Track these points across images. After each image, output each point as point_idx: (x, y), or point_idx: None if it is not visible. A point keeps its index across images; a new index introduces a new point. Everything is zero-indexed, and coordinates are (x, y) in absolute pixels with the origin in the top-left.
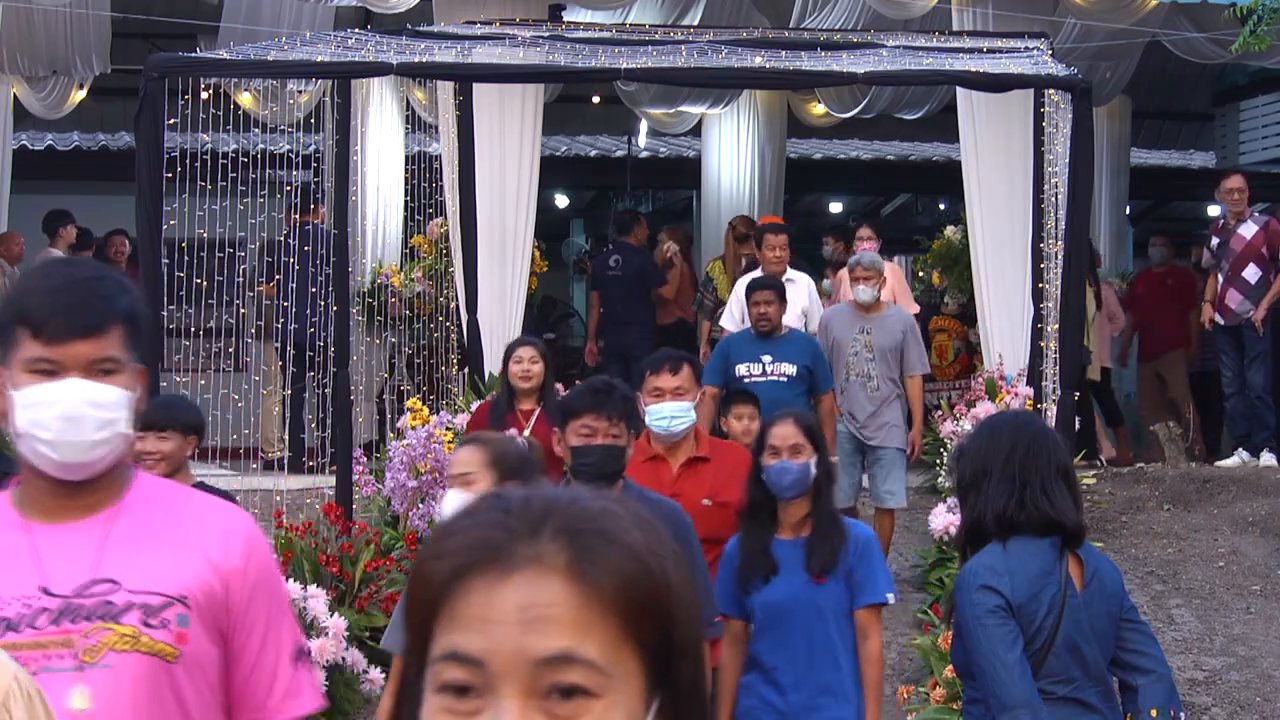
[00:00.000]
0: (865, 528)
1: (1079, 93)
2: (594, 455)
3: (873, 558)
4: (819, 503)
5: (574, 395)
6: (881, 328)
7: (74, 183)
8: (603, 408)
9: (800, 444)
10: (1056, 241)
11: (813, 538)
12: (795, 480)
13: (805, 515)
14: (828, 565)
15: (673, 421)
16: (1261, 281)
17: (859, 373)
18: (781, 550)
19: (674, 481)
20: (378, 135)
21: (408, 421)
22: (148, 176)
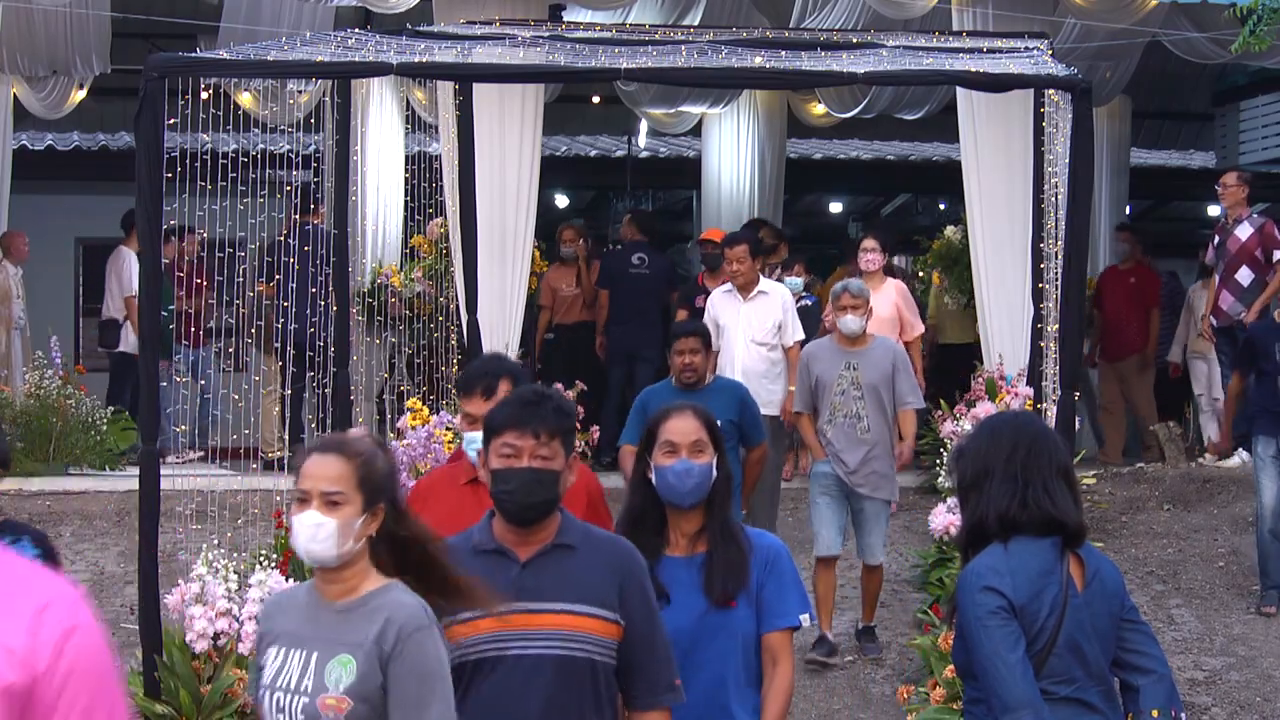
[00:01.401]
0: (771, 537)
1: (1079, 93)
2: (515, 481)
3: (783, 573)
4: (715, 512)
5: (496, 408)
6: (868, 362)
7: (74, 183)
8: (528, 423)
9: (702, 441)
10: (1056, 241)
11: (712, 554)
12: (697, 485)
13: (700, 528)
14: (733, 586)
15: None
16: (1255, 283)
17: (847, 413)
18: (672, 571)
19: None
20: (378, 135)
21: (408, 421)
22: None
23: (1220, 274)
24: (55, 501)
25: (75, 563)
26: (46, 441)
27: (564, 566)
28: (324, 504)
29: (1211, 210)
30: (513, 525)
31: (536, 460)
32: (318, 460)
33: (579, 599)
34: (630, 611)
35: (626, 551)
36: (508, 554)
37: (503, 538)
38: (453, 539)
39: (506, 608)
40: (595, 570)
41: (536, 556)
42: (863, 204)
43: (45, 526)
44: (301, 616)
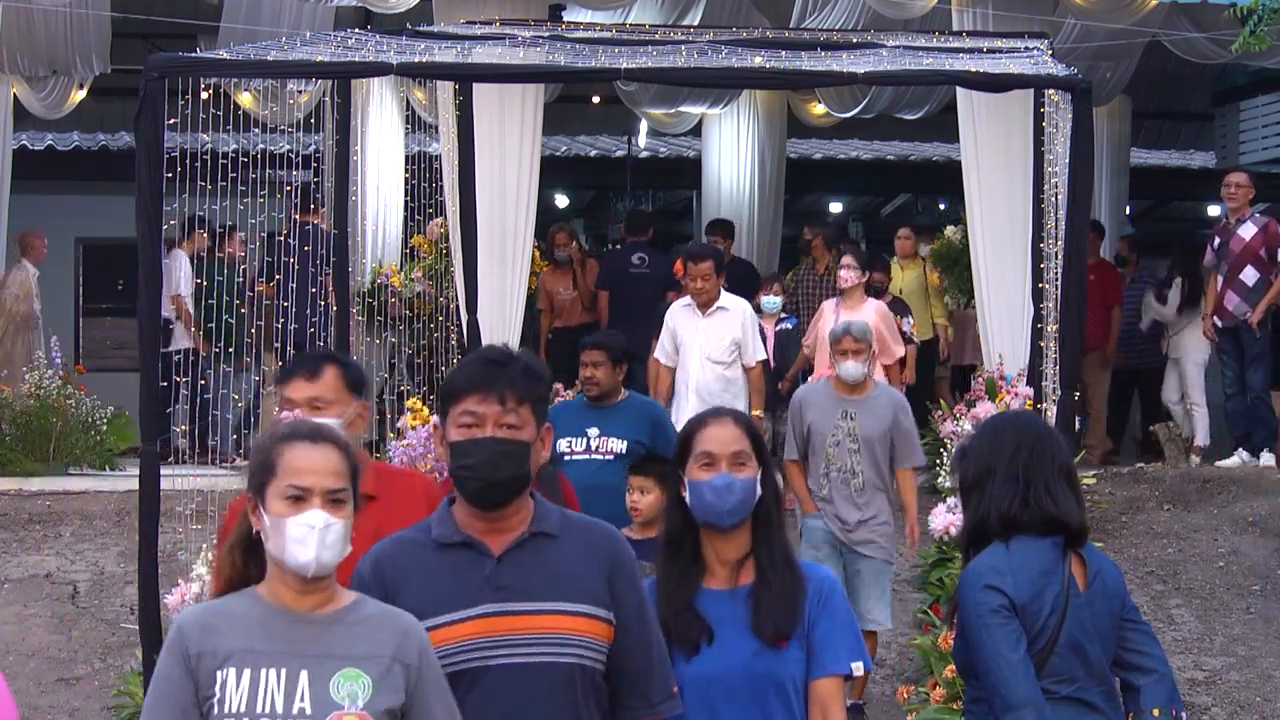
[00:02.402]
0: (823, 569)
1: (1079, 93)
2: (478, 454)
3: (837, 612)
4: (763, 535)
5: (455, 370)
6: (868, 412)
7: (74, 183)
8: (492, 386)
9: (745, 452)
10: (1056, 241)
11: (760, 586)
12: (740, 503)
13: (746, 554)
14: (786, 624)
15: None
16: (1259, 283)
17: (841, 467)
18: (713, 605)
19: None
20: (378, 135)
21: (408, 421)
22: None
23: (1224, 274)
24: (55, 501)
25: (75, 563)
26: (46, 441)
27: (545, 559)
28: (328, 502)
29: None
30: (477, 509)
31: (502, 429)
32: (310, 451)
33: (567, 596)
34: (623, 607)
35: (611, 536)
36: (477, 546)
37: (468, 527)
38: (405, 533)
39: (481, 611)
40: (581, 561)
41: (512, 548)
42: (863, 204)
43: (45, 526)
44: (261, 631)
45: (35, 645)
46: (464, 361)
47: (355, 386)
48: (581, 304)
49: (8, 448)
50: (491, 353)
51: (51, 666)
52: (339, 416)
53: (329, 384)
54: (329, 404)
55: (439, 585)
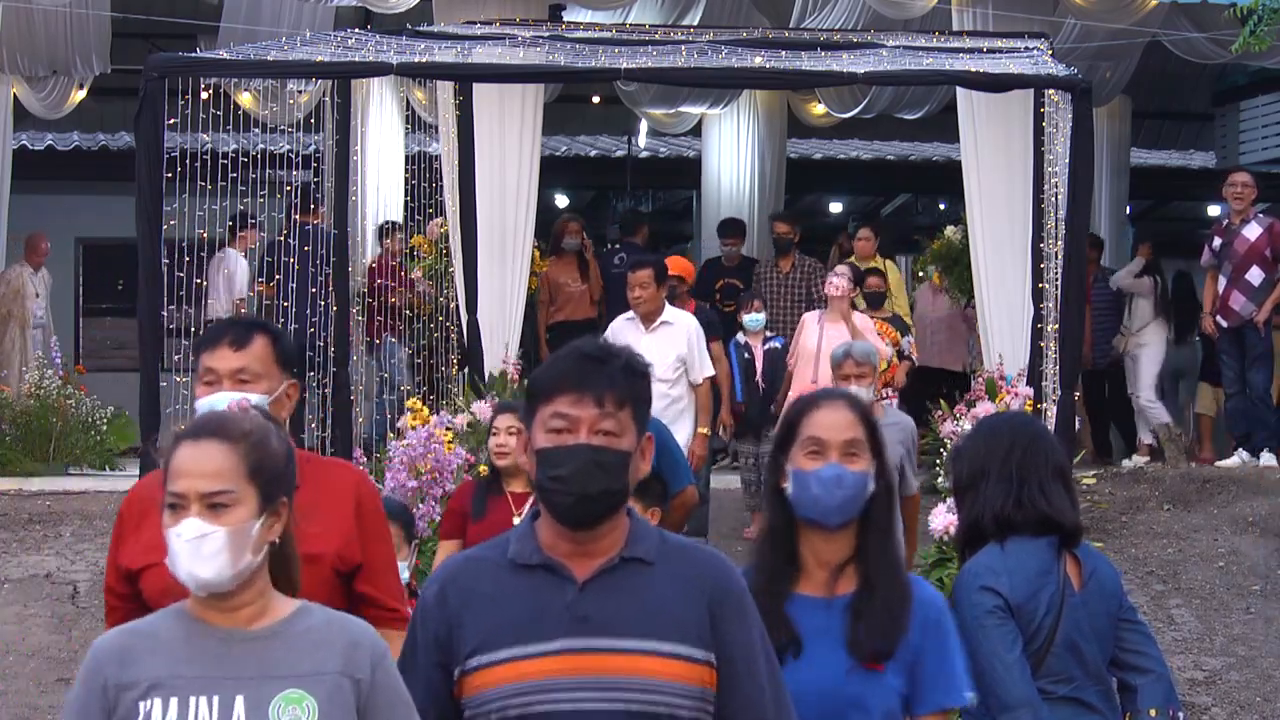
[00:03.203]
0: (930, 588)
1: (1079, 93)
2: (570, 464)
3: (947, 636)
4: (871, 539)
5: (546, 367)
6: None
7: (74, 183)
8: (590, 385)
9: (859, 441)
10: (1056, 241)
11: (862, 597)
12: (848, 499)
13: (848, 559)
14: (886, 645)
15: None
16: (1265, 283)
17: None
18: (805, 614)
19: None
20: (378, 135)
21: (408, 421)
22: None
23: (1228, 275)
24: (55, 501)
25: (75, 563)
26: (46, 441)
27: (637, 589)
28: (206, 508)
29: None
30: (566, 528)
31: (598, 436)
32: (189, 451)
33: (659, 633)
34: (730, 649)
35: (717, 565)
36: (559, 570)
37: (552, 548)
38: (478, 550)
39: (559, 647)
40: (679, 593)
41: (599, 575)
42: (863, 204)
43: (45, 526)
44: (183, 655)
45: (35, 645)
46: (555, 356)
47: (286, 361)
48: (590, 297)
49: (8, 448)
50: (587, 347)
51: (51, 666)
52: (267, 393)
53: (257, 355)
54: (256, 378)
55: (511, 613)
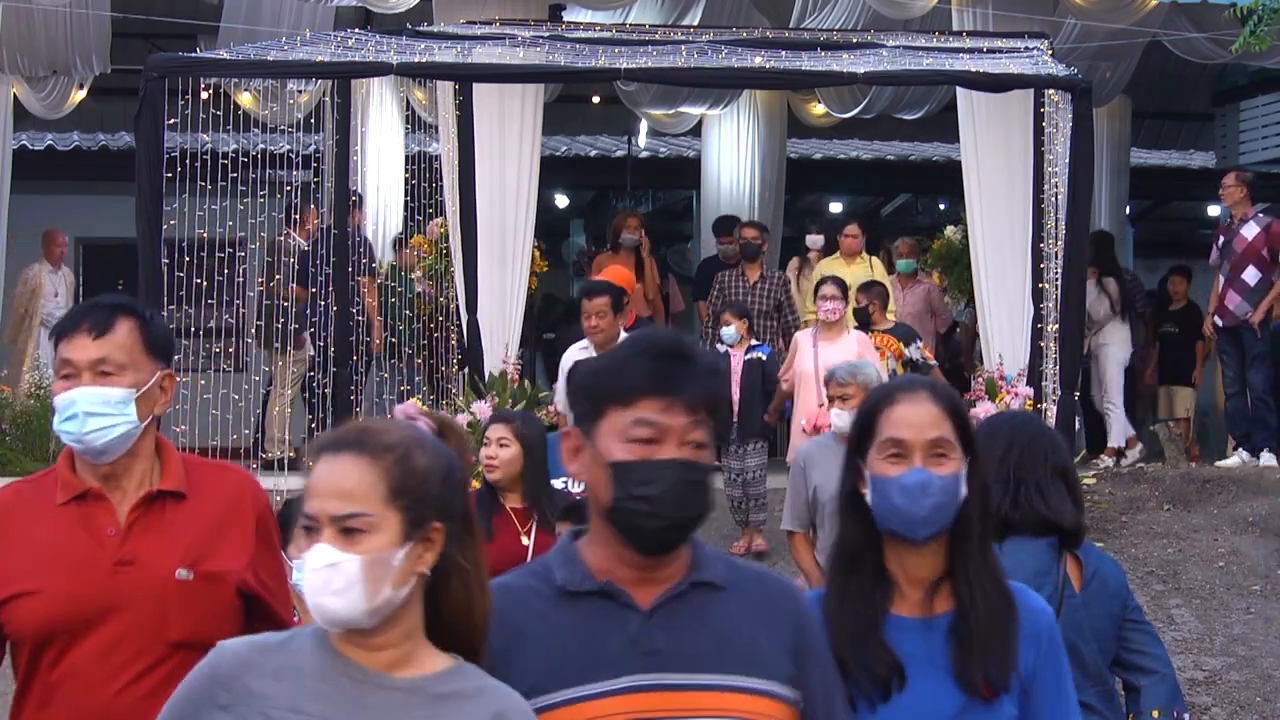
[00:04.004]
0: (1036, 597)
1: (1079, 93)
2: (662, 482)
3: (1059, 652)
4: (967, 551)
5: (618, 364)
6: None
7: (74, 183)
8: (680, 389)
9: (946, 440)
10: (1056, 241)
11: (964, 617)
12: (938, 507)
13: (942, 575)
14: (999, 671)
15: (87, 424)
16: (1261, 283)
17: None
18: (905, 636)
19: (119, 540)
20: (378, 135)
21: None
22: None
23: (1226, 274)
24: None
25: None
26: (46, 441)
27: (709, 617)
28: (339, 533)
29: (1212, 210)
30: (641, 554)
31: (687, 449)
32: (324, 467)
33: (739, 667)
34: (811, 688)
35: (792, 594)
36: (618, 597)
37: (608, 572)
38: (517, 577)
39: (626, 685)
40: (756, 622)
41: (666, 601)
42: (863, 204)
43: None
44: (311, 686)
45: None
46: (624, 353)
47: (157, 348)
48: (645, 296)
49: (8, 448)
50: (665, 342)
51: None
52: (133, 386)
53: (120, 342)
54: (120, 369)
55: (567, 648)
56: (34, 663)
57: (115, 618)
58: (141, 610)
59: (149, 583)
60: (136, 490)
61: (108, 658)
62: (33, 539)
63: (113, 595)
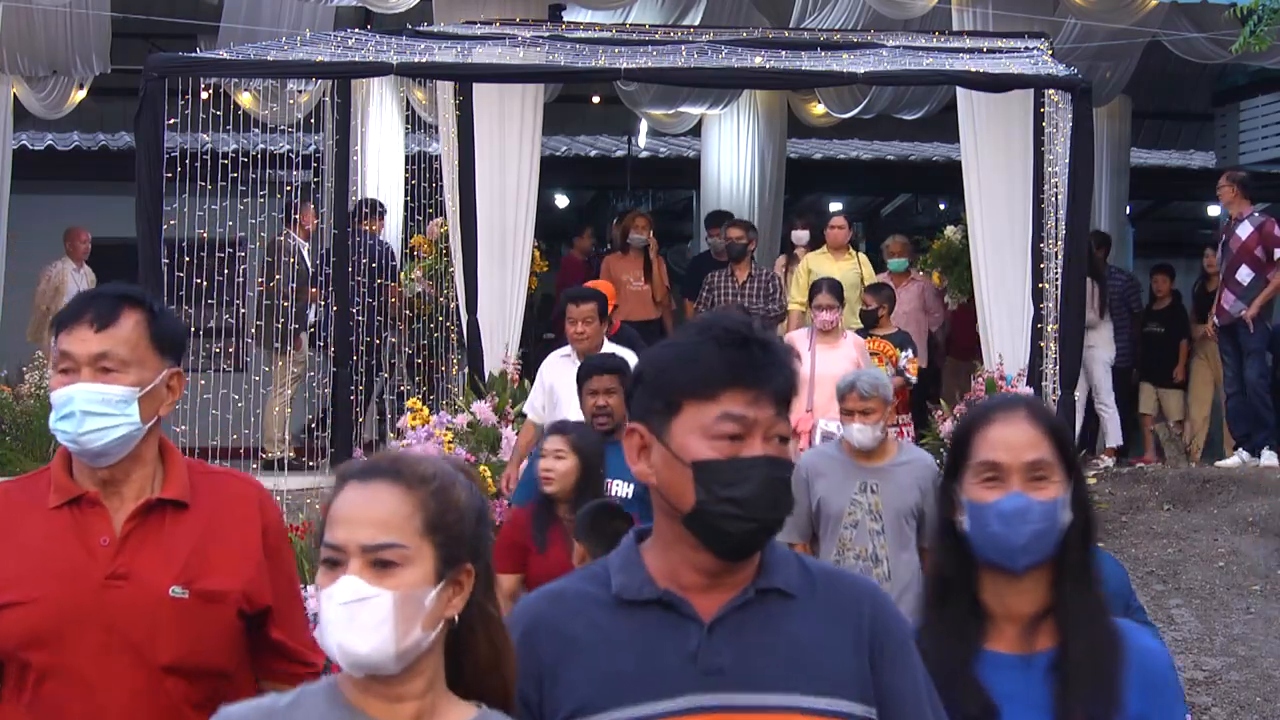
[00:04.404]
0: (1144, 634)
1: (1079, 93)
2: (752, 481)
3: (1174, 699)
4: (1071, 583)
5: (693, 349)
6: (892, 484)
7: (74, 183)
8: (766, 379)
9: (1046, 463)
10: (1056, 241)
11: (1066, 655)
12: (1038, 535)
13: (1045, 608)
14: (1103, 713)
15: (84, 424)
16: (1255, 281)
17: (860, 553)
18: (1001, 674)
19: (113, 552)
20: (378, 135)
21: (408, 421)
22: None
23: (1223, 273)
24: None
25: None
26: (46, 441)
27: (779, 629)
28: (369, 565)
29: (1212, 210)
30: (722, 559)
31: (773, 444)
32: (353, 494)
33: (811, 685)
34: (892, 701)
35: (873, 596)
36: (679, 607)
37: (670, 578)
38: (571, 582)
39: (685, 705)
40: (831, 633)
41: (730, 612)
42: (863, 204)
43: None
44: None
45: None
46: (696, 340)
47: (165, 343)
48: (653, 297)
49: (8, 448)
50: (738, 327)
51: None
52: (136, 385)
53: (125, 337)
54: (123, 365)
55: (621, 663)
56: (20, 679)
57: (101, 634)
58: (131, 629)
59: (141, 600)
60: (135, 497)
61: (92, 678)
62: (20, 545)
63: (102, 611)
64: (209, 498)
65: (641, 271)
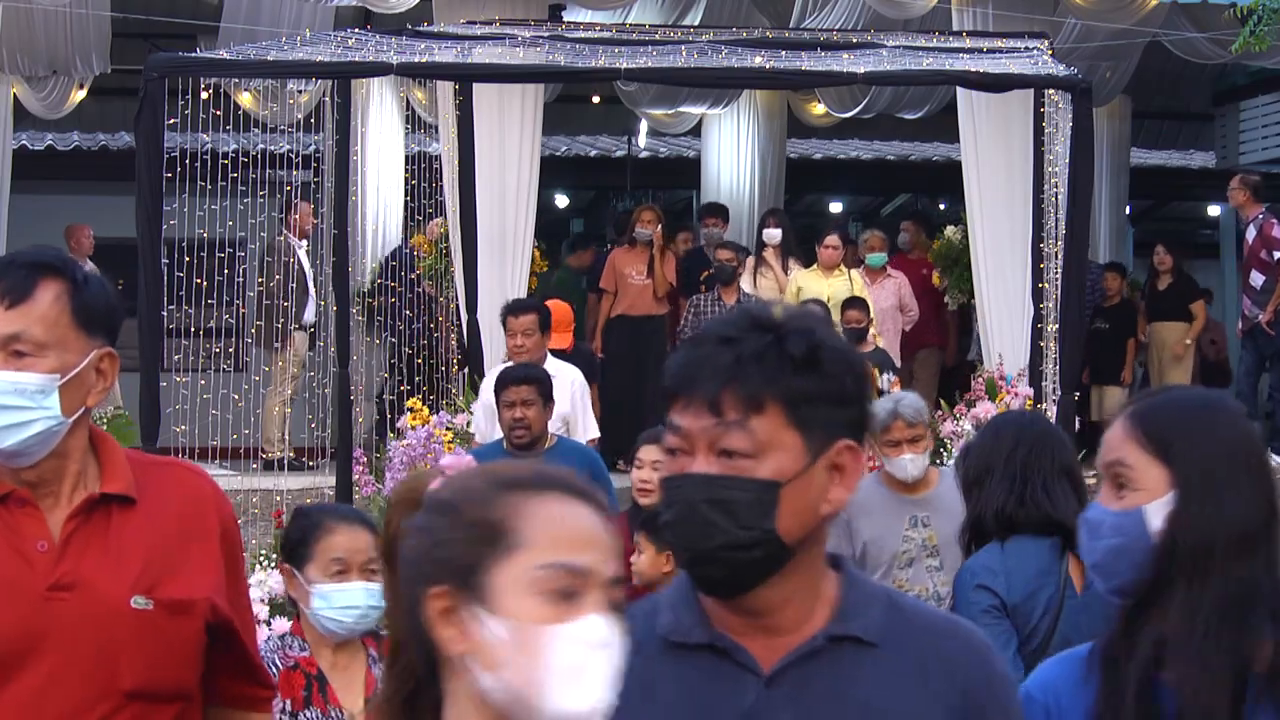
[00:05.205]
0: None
1: (1079, 93)
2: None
3: None
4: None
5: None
6: (942, 511)
7: (74, 183)
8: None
9: (1124, 463)
10: (1056, 241)
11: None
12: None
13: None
14: None
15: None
16: (1266, 285)
17: (922, 593)
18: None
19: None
20: (378, 135)
21: (408, 421)
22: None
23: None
24: None
25: None
26: None
27: (850, 686)
28: (605, 604)
29: (1212, 210)
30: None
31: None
32: (579, 511)
33: None
34: None
35: (970, 645)
36: (734, 655)
37: (726, 619)
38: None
39: None
40: (916, 691)
41: (795, 663)
42: (863, 204)
43: None
44: None
45: None
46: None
47: (91, 319)
48: (655, 293)
49: None
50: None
51: None
52: (56, 371)
53: (42, 313)
54: (39, 348)
55: (664, 716)
56: None
57: (48, 658)
58: (84, 648)
59: (94, 613)
60: (72, 494)
61: (39, 710)
62: None
63: (46, 628)
64: (158, 492)
65: (645, 266)
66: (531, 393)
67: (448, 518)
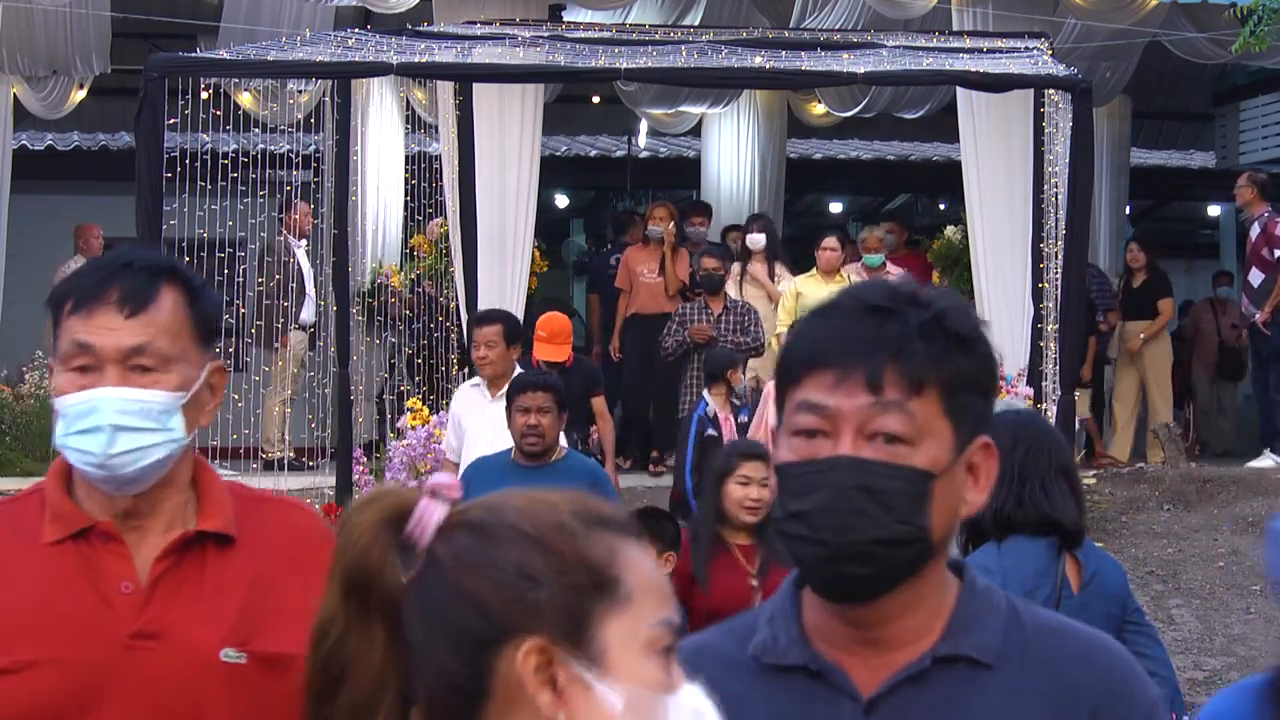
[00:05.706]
0: None
1: (1079, 93)
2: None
3: None
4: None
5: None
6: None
7: (74, 183)
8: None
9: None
10: (1056, 241)
11: None
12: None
13: None
14: None
15: (116, 442)
16: (1265, 283)
17: None
18: None
19: (140, 602)
20: (378, 135)
21: (408, 421)
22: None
23: (1241, 277)
24: None
25: None
26: (46, 441)
27: (961, 713)
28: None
29: (1212, 210)
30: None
31: (875, 444)
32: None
33: None
34: None
35: (1099, 657)
36: (831, 677)
37: (825, 636)
38: (708, 638)
39: None
40: (1038, 715)
41: (898, 686)
42: (863, 204)
43: None
44: None
45: None
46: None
47: (208, 329)
48: (667, 291)
49: (8, 448)
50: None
51: None
52: (179, 389)
53: (164, 323)
54: (164, 363)
55: None
56: None
57: (128, 712)
58: (168, 704)
59: (180, 665)
60: (165, 531)
61: None
62: (9, 592)
63: (127, 680)
64: (259, 531)
65: (657, 264)
66: (547, 400)
67: (538, 554)
